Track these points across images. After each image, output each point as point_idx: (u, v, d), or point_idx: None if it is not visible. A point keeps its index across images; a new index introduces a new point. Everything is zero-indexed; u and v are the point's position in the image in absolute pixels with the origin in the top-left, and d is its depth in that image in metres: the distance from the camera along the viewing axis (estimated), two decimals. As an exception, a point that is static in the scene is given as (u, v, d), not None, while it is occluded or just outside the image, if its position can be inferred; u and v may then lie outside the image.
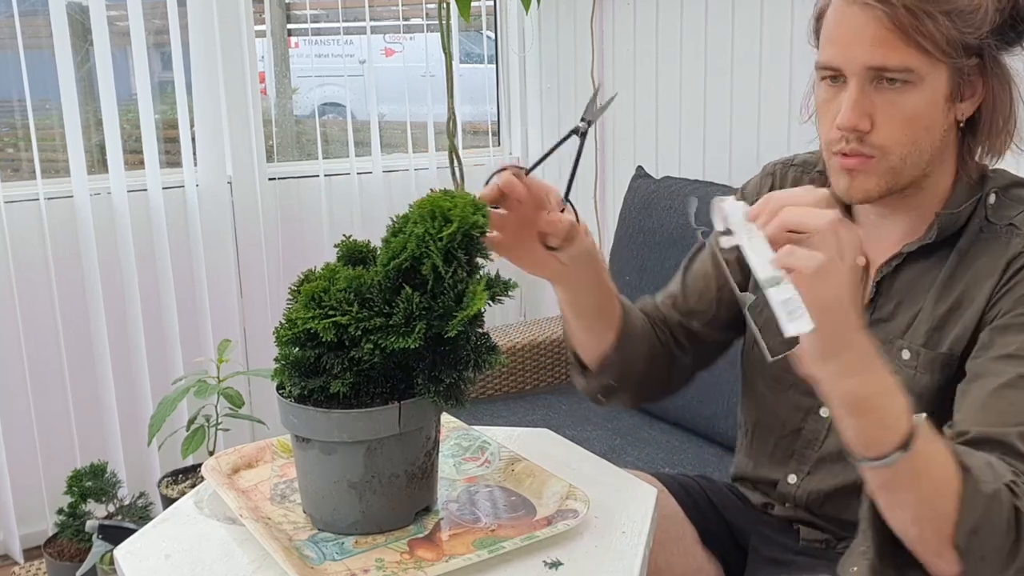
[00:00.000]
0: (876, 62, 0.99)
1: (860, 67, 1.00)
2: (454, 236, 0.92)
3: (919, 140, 1.02)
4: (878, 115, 1.01)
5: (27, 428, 2.36)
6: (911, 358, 1.07)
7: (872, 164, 1.03)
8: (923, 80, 0.99)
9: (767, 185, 1.27)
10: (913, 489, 0.88)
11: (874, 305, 1.13)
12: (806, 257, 0.82)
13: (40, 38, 2.30)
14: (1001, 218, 1.05)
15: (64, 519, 2.16)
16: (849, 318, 0.85)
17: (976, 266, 1.05)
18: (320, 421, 0.93)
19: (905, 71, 0.98)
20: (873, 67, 0.99)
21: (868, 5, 0.98)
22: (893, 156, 1.02)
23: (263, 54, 2.82)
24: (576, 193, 1.08)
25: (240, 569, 0.93)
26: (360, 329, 0.91)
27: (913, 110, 1.00)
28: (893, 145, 1.01)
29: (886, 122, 1.01)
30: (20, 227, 2.31)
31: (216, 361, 2.07)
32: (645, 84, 2.54)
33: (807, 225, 0.83)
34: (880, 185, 1.04)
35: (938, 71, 0.99)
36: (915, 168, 1.04)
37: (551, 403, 2.24)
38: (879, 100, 1.00)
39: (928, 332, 1.07)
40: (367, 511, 0.96)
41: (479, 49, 3.16)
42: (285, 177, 2.68)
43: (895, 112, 1.00)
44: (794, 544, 1.23)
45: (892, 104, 1.00)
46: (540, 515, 1.01)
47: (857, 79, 1.00)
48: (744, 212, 0.88)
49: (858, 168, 1.04)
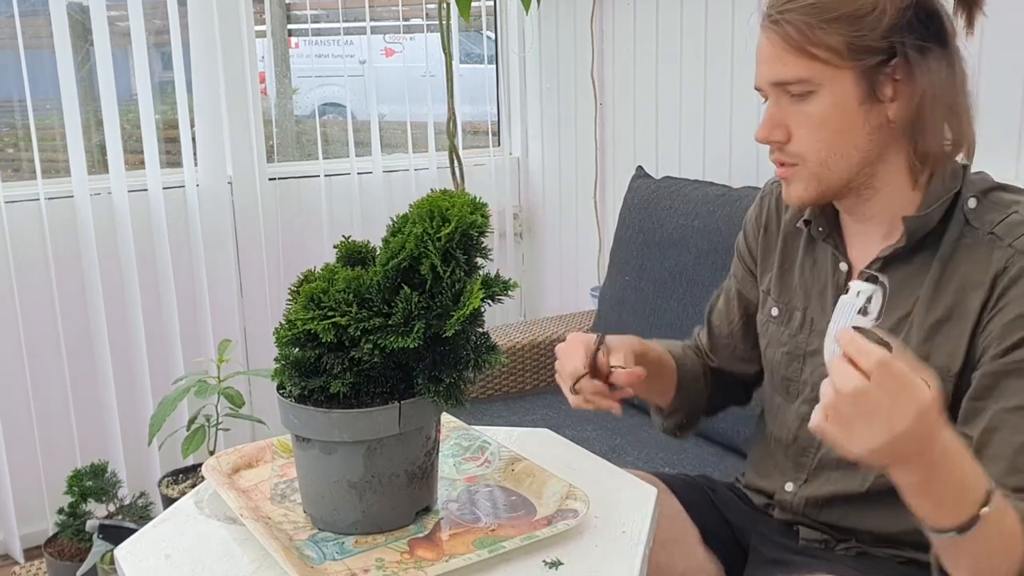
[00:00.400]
0: (774, 77, 1.06)
1: (766, 84, 1.08)
2: (452, 236, 0.92)
3: (834, 144, 1.05)
4: (792, 125, 1.07)
5: (27, 428, 2.36)
6: None
7: (796, 171, 1.09)
8: (822, 87, 1.03)
9: (764, 211, 1.31)
10: (972, 558, 0.90)
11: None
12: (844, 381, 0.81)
13: (41, 38, 2.30)
14: (983, 223, 1.05)
15: (64, 519, 2.16)
16: (904, 446, 0.82)
17: (961, 273, 1.05)
18: (320, 421, 0.93)
19: (801, 82, 1.04)
20: (773, 82, 1.07)
21: (766, 27, 1.06)
22: (811, 162, 1.07)
23: (263, 54, 2.82)
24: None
25: (240, 569, 0.93)
26: (359, 329, 0.91)
27: (820, 116, 1.04)
28: (808, 152, 1.07)
29: (799, 131, 1.07)
30: (20, 227, 2.32)
31: (216, 361, 2.07)
32: (645, 84, 2.54)
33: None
34: (808, 190, 1.09)
35: (839, 76, 1.03)
36: (843, 171, 1.07)
37: (551, 403, 2.23)
38: (790, 111, 1.07)
39: (919, 345, 1.06)
40: (367, 511, 0.96)
41: (479, 49, 3.16)
42: (285, 177, 2.68)
43: (804, 120, 1.06)
44: (794, 544, 1.23)
45: (800, 114, 1.06)
46: (540, 515, 1.01)
47: (772, 95, 1.08)
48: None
49: (786, 176, 1.11)
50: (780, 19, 1.03)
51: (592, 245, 2.80)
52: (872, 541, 1.17)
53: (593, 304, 2.52)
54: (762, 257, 1.30)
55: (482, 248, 0.96)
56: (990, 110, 1.63)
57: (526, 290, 3.14)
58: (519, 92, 3.03)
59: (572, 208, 2.90)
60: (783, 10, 1.03)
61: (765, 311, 1.28)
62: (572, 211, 2.90)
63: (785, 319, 1.24)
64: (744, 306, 1.34)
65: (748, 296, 1.34)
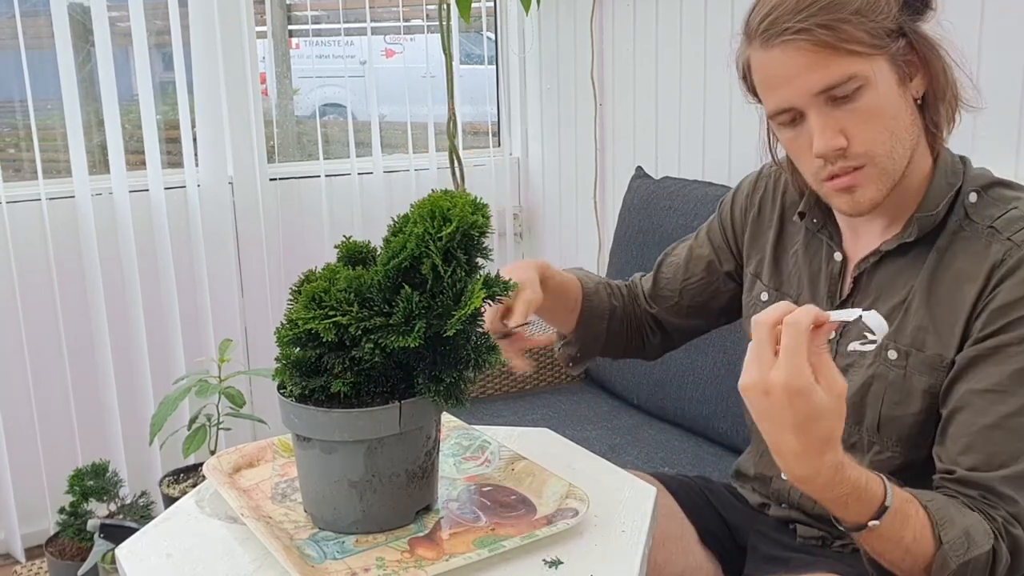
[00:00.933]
0: (821, 85, 1.01)
1: (809, 96, 1.02)
2: (453, 236, 0.92)
3: (895, 130, 1.04)
4: (848, 127, 1.03)
5: (29, 427, 2.36)
6: (899, 358, 1.08)
7: (864, 174, 1.05)
8: (870, 79, 1.01)
9: (759, 191, 1.32)
10: (882, 553, 0.96)
11: (851, 300, 1.15)
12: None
13: (42, 38, 2.30)
14: (983, 218, 1.06)
15: (66, 518, 2.16)
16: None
17: (957, 266, 1.06)
18: (321, 420, 0.93)
19: (851, 79, 1.01)
20: (821, 91, 1.02)
21: (787, 41, 1.01)
22: (880, 156, 1.04)
23: (264, 55, 2.83)
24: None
25: (241, 568, 0.93)
26: (360, 329, 0.92)
27: (876, 107, 1.02)
28: (875, 145, 1.03)
29: (859, 129, 1.03)
30: (22, 227, 2.32)
31: (217, 361, 2.08)
32: (645, 84, 2.54)
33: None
34: (881, 189, 1.06)
35: (878, 64, 1.01)
36: (903, 157, 1.06)
37: (551, 403, 2.24)
38: (842, 115, 1.03)
39: (914, 332, 1.07)
40: (367, 510, 0.97)
41: (479, 50, 3.16)
42: (286, 177, 2.69)
43: (862, 117, 1.02)
44: (791, 541, 1.24)
45: (855, 112, 1.02)
46: (540, 514, 1.01)
47: (813, 107, 1.03)
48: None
49: (854, 183, 1.06)
50: (803, 26, 1.00)
51: (592, 245, 2.80)
52: None
53: (593, 304, 2.52)
54: (750, 236, 1.31)
55: (483, 248, 0.96)
56: (990, 110, 1.63)
57: (526, 290, 3.13)
58: (519, 92, 3.04)
59: (572, 208, 2.90)
60: (802, 17, 1.00)
61: (753, 294, 1.29)
62: (572, 211, 2.90)
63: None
64: (708, 272, 1.36)
65: (717, 266, 1.36)
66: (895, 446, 1.08)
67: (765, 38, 1.03)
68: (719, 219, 1.38)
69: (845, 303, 1.15)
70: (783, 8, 1.01)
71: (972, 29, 1.69)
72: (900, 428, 1.09)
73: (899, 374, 1.08)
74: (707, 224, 1.40)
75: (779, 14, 1.01)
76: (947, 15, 1.08)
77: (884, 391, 1.09)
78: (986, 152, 1.17)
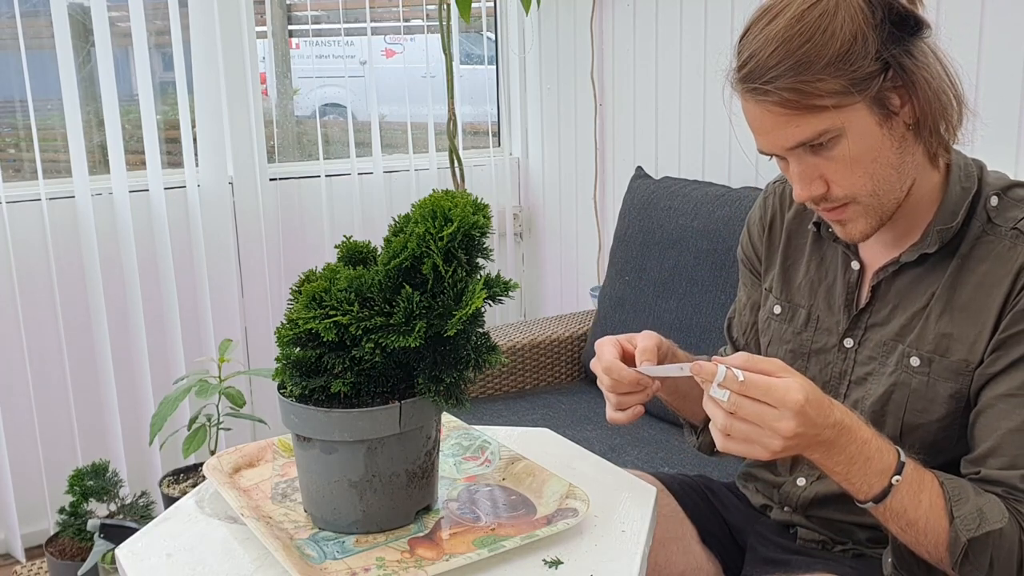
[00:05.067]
0: (792, 142, 1.01)
1: (782, 150, 1.03)
2: (454, 236, 0.92)
3: (875, 172, 1.02)
4: (827, 174, 1.03)
5: (29, 427, 2.36)
6: (922, 365, 1.07)
7: (851, 210, 1.05)
8: (844, 129, 0.99)
9: (768, 210, 1.29)
10: (897, 525, 0.98)
11: (870, 309, 1.14)
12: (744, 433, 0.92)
13: (42, 38, 2.30)
14: (1006, 220, 1.05)
15: (66, 518, 2.16)
16: (798, 445, 0.93)
17: (981, 271, 1.04)
18: (321, 420, 0.93)
19: (822, 134, 1.00)
20: (792, 147, 1.02)
21: (758, 100, 1.00)
22: (862, 196, 1.04)
23: (264, 55, 2.82)
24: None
25: (241, 568, 0.93)
26: (361, 328, 0.92)
27: (854, 155, 1.01)
28: (855, 190, 1.03)
29: (837, 176, 1.03)
30: (22, 227, 2.32)
31: (217, 361, 2.08)
32: (645, 84, 2.54)
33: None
34: (870, 222, 1.06)
35: (854, 112, 0.99)
36: (892, 192, 1.04)
37: (551, 403, 2.24)
38: (820, 161, 1.02)
39: (937, 338, 1.06)
40: (368, 510, 0.97)
41: (479, 50, 3.16)
42: (286, 177, 2.69)
43: (837, 166, 1.02)
44: (792, 544, 1.23)
45: (832, 160, 1.02)
46: (540, 514, 1.01)
47: (792, 156, 1.03)
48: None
49: (842, 218, 1.07)
50: (770, 88, 0.98)
51: (592, 245, 2.80)
52: (868, 542, 1.17)
53: (593, 304, 2.52)
54: (766, 255, 1.29)
55: (484, 248, 0.96)
56: (990, 109, 1.64)
57: (526, 290, 3.14)
58: (519, 93, 3.04)
59: (572, 208, 2.90)
60: (768, 79, 0.98)
61: (767, 308, 1.28)
62: (572, 211, 2.90)
63: (788, 316, 1.23)
64: (757, 315, 1.33)
65: (760, 304, 1.33)
66: (917, 452, 1.05)
67: (742, 88, 1.02)
68: (743, 264, 1.34)
69: (864, 312, 1.14)
70: (757, 60, 0.99)
71: (971, 31, 1.69)
72: (924, 435, 1.08)
73: (923, 381, 1.07)
74: (741, 276, 1.37)
75: (753, 67, 0.99)
76: (945, 18, 1.06)
77: (907, 399, 1.08)
78: (986, 152, 1.16)
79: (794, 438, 0.90)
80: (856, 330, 1.15)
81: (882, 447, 0.96)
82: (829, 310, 1.18)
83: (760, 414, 0.90)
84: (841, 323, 1.16)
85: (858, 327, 1.15)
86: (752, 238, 1.32)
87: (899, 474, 0.95)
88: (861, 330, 1.14)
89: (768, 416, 0.90)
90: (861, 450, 0.95)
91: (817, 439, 0.93)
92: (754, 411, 0.90)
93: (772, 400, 0.90)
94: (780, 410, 0.90)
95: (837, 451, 0.94)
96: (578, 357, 2.41)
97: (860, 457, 0.95)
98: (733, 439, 0.92)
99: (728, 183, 2.19)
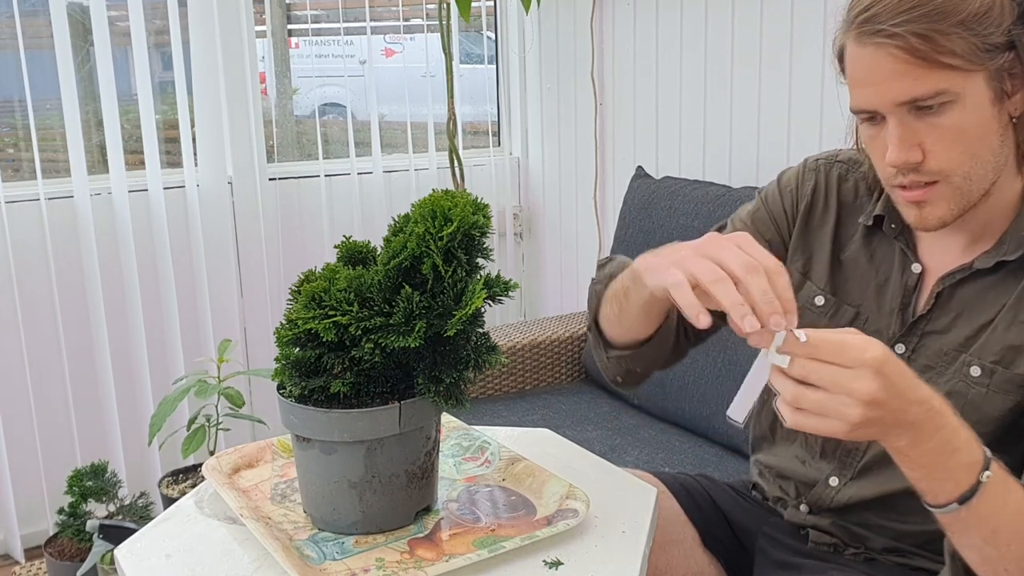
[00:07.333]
0: (906, 96, 0.95)
1: (891, 105, 0.96)
2: (454, 236, 0.92)
3: (977, 152, 0.97)
4: (927, 142, 0.97)
5: (28, 428, 2.36)
6: (982, 375, 1.02)
7: (936, 191, 0.99)
8: (960, 95, 0.94)
9: (810, 182, 1.21)
10: (979, 534, 0.86)
11: (929, 316, 1.08)
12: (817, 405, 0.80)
13: (41, 38, 2.30)
14: None
15: (65, 519, 2.16)
16: (880, 424, 0.81)
17: None
18: (320, 421, 0.93)
19: (938, 94, 0.94)
20: (904, 102, 0.95)
21: (879, 43, 0.94)
22: (956, 176, 0.98)
23: (263, 54, 2.82)
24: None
25: (241, 569, 0.93)
26: (360, 328, 0.91)
27: (961, 127, 0.95)
28: (952, 166, 0.97)
29: (937, 146, 0.97)
30: (21, 227, 2.32)
31: (217, 361, 2.07)
32: (645, 84, 2.54)
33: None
34: (952, 209, 1.00)
35: (974, 80, 0.94)
36: (983, 180, 0.99)
37: (551, 403, 2.24)
38: (923, 127, 0.96)
39: (1003, 351, 1.01)
40: (367, 511, 0.96)
41: (479, 49, 3.16)
42: (285, 177, 2.68)
43: (943, 135, 0.96)
44: (802, 546, 1.20)
45: (937, 128, 0.96)
46: (540, 515, 1.01)
47: (894, 115, 0.97)
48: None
49: (924, 199, 1.00)
50: (899, 31, 0.92)
51: (592, 245, 2.80)
52: (883, 551, 1.14)
53: (593, 304, 2.52)
54: (800, 228, 1.20)
55: (484, 248, 0.96)
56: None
57: (526, 290, 3.14)
58: (519, 92, 3.04)
59: (572, 208, 2.90)
60: (900, 21, 0.92)
61: (804, 296, 1.18)
62: (572, 211, 2.90)
63: (831, 311, 1.16)
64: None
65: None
66: None
67: (859, 33, 0.96)
68: (767, 209, 1.23)
69: (923, 319, 1.08)
70: (884, 4, 0.94)
71: None
72: None
73: (980, 392, 1.02)
74: (747, 214, 1.25)
75: (879, 10, 0.94)
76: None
77: (960, 410, 1.01)
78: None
79: (874, 405, 0.78)
80: (911, 337, 1.08)
81: (970, 438, 0.84)
82: (878, 311, 1.12)
83: (834, 376, 0.78)
84: (892, 327, 1.10)
85: (913, 333, 1.08)
86: (783, 199, 1.22)
87: (988, 470, 0.83)
88: (916, 337, 1.08)
89: (842, 377, 0.78)
90: (951, 440, 0.83)
91: (903, 418, 0.81)
92: (827, 374, 0.79)
93: (846, 360, 0.78)
94: (856, 369, 0.78)
95: (925, 438, 0.82)
96: (578, 357, 2.41)
97: (948, 448, 0.83)
98: (804, 412, 0.80)
99: (728, 183, 2.19)
